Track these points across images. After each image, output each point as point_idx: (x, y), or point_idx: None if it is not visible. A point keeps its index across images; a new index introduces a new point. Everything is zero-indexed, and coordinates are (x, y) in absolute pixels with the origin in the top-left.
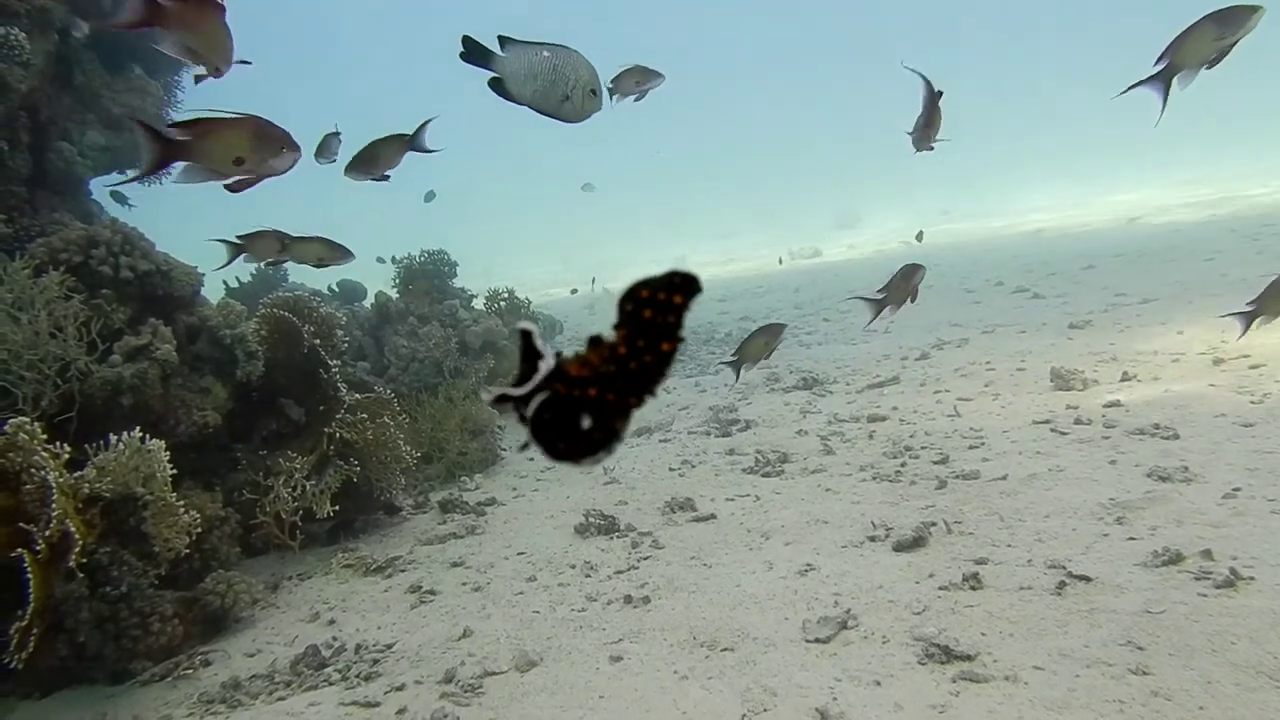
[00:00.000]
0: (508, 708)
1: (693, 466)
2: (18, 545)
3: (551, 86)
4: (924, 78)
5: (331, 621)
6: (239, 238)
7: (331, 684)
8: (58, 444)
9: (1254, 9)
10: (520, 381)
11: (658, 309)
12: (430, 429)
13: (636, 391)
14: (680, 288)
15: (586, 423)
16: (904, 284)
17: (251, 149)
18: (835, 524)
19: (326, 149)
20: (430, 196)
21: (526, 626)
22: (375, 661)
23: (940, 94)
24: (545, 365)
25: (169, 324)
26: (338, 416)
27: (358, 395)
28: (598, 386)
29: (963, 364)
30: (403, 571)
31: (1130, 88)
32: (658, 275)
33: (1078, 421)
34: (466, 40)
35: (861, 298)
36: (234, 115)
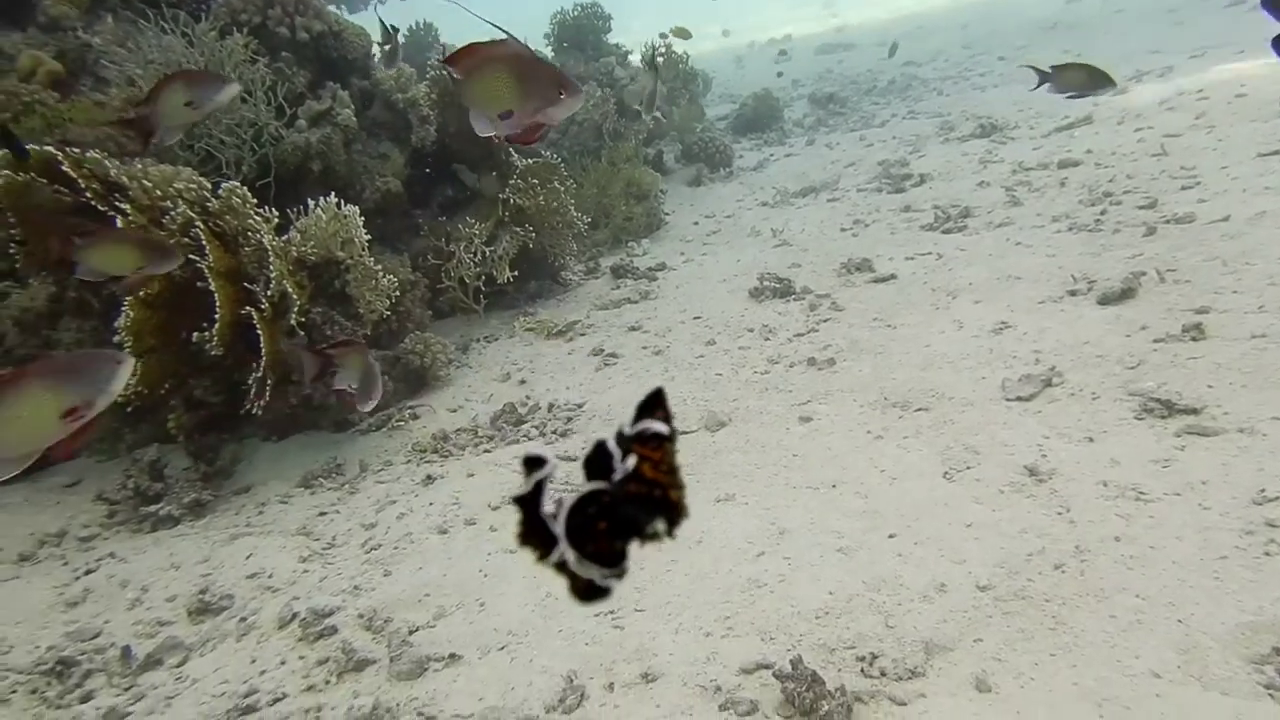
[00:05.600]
0: (703, 464)
1: (866, 225)
2: (245, 304)
3: None
4: None
5: (522, 382)
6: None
7: (530, 439)
8: (266, 208)
9: None
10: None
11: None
12: (596, 194)
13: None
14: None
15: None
16: None
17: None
18: (1029, 279)
19: None
20: None
21: (711, 389)
22: (569, 419)
23: None
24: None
25: (345, 88)
26: (510, 182)
27: (527, 160)
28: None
29: (1168, 95)
30: (583, 335)
31: None
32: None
33: None
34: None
35: None
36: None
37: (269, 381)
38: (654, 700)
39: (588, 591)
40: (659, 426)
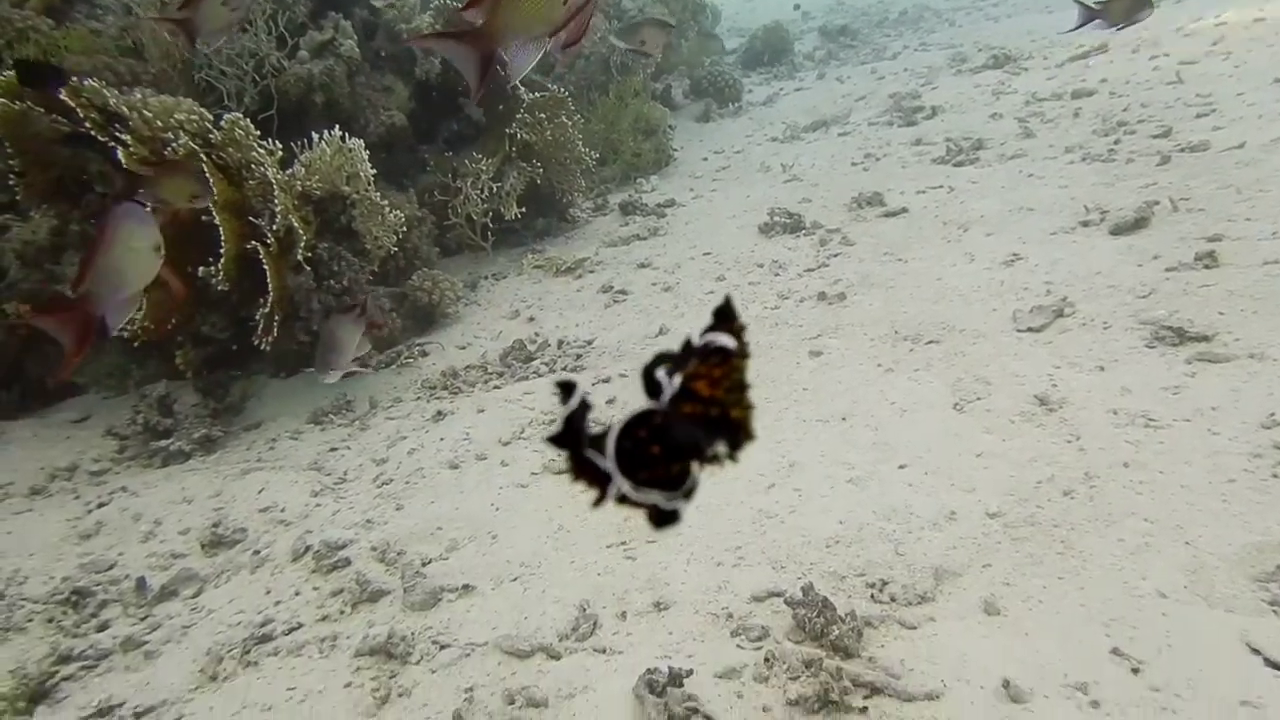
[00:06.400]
0: None
1: (877, 159)
2: (251, 239)
3: None
4: None
5: (531, 319)
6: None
7: (540, 375)
8: (269, 141)
9: None
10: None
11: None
12: (604, 130)
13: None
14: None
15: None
16: None
17: None
18: (1042, 210)
19: None
20: None
21: None
22: (578, 356)
23: None
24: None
25: (347, 18)
26: (517, 116)
27: (534, 94)
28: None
29: (1184, 22)
30: (592, 272)
31: None
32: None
33: None
34: None
35: None
36: None
37: (276, 317)
38: (666, 628)
39: (657, 518)
40: (725, 340)
